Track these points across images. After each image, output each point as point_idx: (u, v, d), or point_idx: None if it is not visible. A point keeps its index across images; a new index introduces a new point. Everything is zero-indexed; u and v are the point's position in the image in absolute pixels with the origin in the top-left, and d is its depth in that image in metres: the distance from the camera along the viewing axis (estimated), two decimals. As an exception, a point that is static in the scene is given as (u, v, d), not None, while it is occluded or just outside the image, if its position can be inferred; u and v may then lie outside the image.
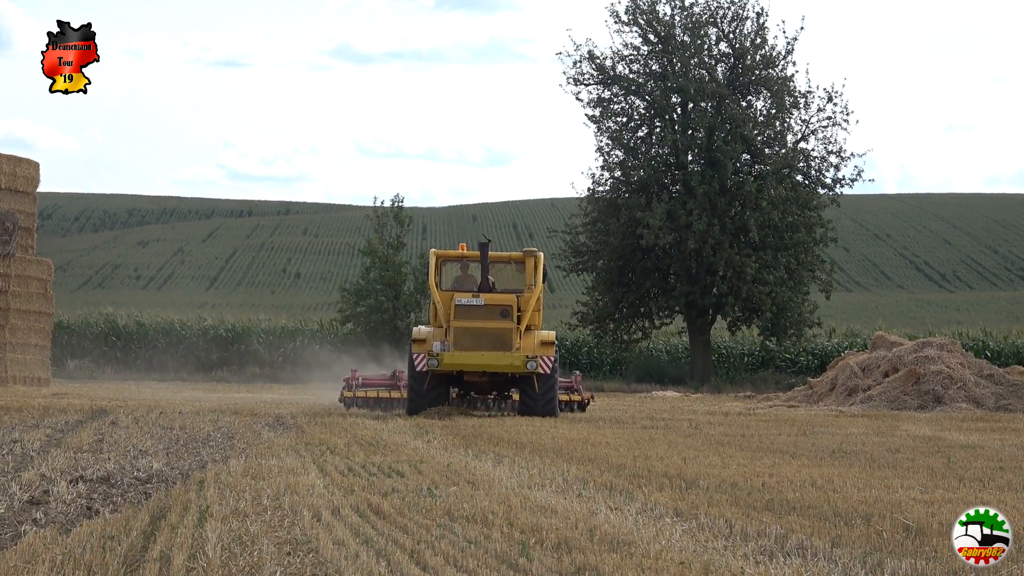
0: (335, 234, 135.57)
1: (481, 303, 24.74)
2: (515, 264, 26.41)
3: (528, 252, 25.76)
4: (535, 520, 9.94)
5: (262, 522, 9.77)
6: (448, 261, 26.59)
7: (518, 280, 26.15)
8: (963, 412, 29.19)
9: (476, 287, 25.50)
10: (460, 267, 26.64)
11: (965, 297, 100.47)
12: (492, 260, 26.06)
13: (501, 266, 26.65)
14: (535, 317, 25.58)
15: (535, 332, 25.39)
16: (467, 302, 24.70)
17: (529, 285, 25.53)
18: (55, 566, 7.95)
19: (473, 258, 26.17)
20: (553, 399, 25.03)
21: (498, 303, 24.82)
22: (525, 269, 25.80)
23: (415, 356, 24.87)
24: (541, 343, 24.96)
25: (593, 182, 48.91)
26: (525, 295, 25.32)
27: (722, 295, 46.78)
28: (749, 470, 14.08)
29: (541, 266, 25.46)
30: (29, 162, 38.87)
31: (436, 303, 25.48)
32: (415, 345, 25.14)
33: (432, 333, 25.23)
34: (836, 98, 48.07)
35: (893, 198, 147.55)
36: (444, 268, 26.33)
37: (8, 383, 36.84)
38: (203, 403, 28.55)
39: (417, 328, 26.22)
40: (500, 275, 26.46)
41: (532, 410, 24.82)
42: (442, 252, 26.40)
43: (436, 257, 25.96)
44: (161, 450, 16.10)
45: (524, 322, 25.09)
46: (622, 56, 48.58)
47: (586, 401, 28.55)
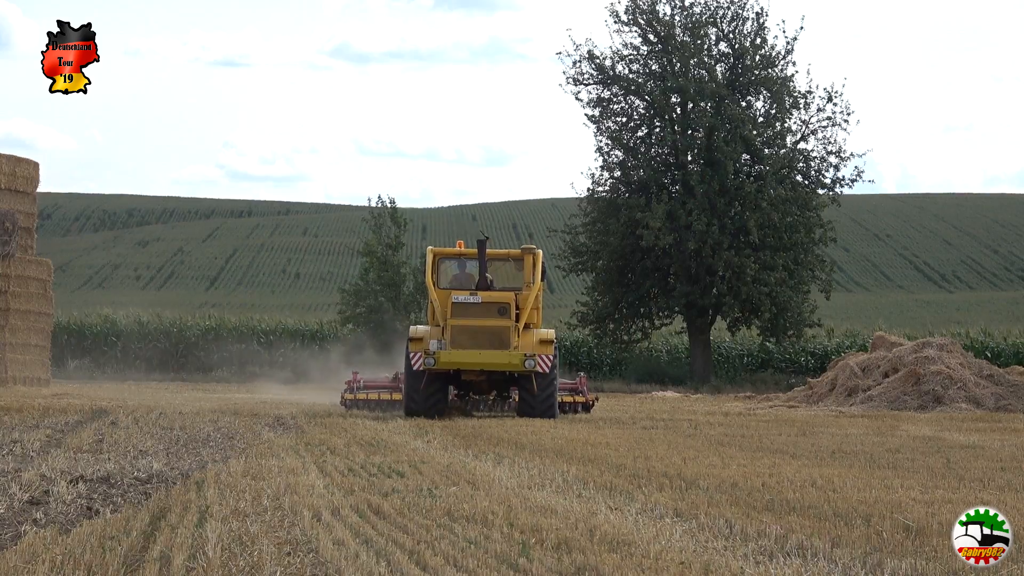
0: (335, 234, 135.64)
1: (478, 301, 24.36)
2: (513, 262, 26.13)
3: (526, 249, 25.40)
4: (535, 520, 9.93)
5: (262, 522, 9.77)
6: (446, 259, 26.21)
7: (516, 278, 25.82)
8: (963, 412, 29.18)
9: (474, 285, 25.10)
10: (457, 265, 26.26)
11: (965, 297, 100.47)
12: (490, 257, 25.67)
13: (499, 264, 26.31)
14: (534, 315, 25.16)
15: (534, 330, 24.99)
16: (464, 300, 24.32)
17: (528, 283, 25.18)
18: (55, 566, 7.95)
19: (471, 256, 25.75)
20: (553, 399, 24.64)
21: (495, 301, 24.42)
22: (524, 266, 25.47)
23: (412, 355, 24.50)
24: (540, 341, 24.58)
25: (593, 182, 48.96)
26: (523, 293, 24.96)
27: (722, 295, 46.80)
28: (749, 470, 14.08)
29: (540, 263, 25.06)
30: (29, 162, 38.88)
31: (433, 301, 25.08)
32: (412, 344, 24.74)
33: (429, 332, 24.82)
34: (836, 98, 48.13)
35: (893, 198, 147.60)
36: (442, 266, 25.97)
37: (8, 383, 36.84)
38: (203, 403, 28.56)
39: (414, 327, 25.79)
40: (498, 273, 26.10)
41: (531, 411, 24.45)
42: (439, 250, 26.07)
43: (433, 255, 25.64)
44: (161, 450, 16.10)
45: (522, 320, 24.66)
46: (622, 56, 48.61)
47: (591, 403, 27.97)
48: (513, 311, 24.41)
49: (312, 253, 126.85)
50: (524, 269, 25.38)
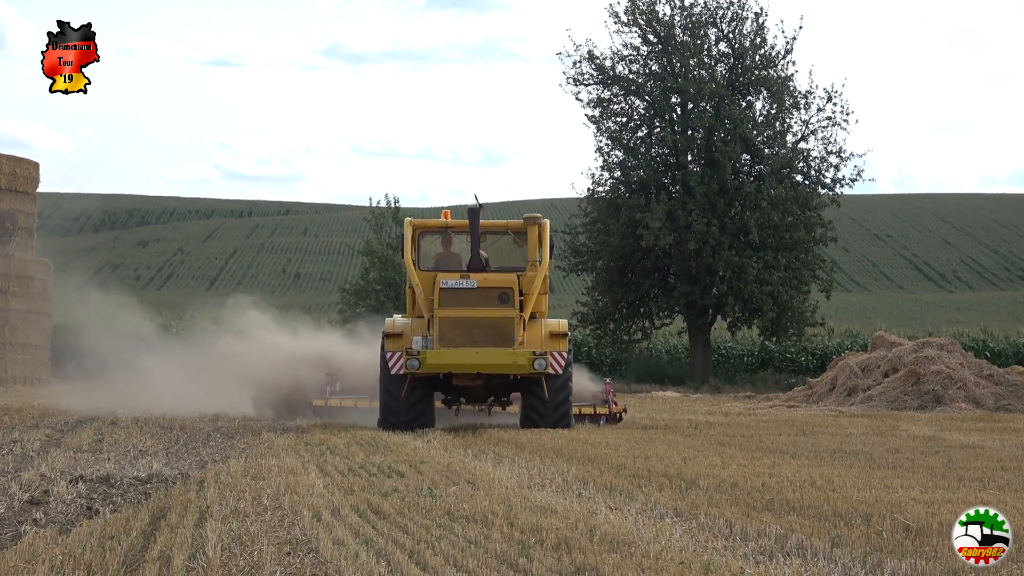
0: (335, 234, 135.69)
1: (473, 285, 19.88)
2: (514, 235, 21.46)
3: (530, 219, 20.84)
4: (535, 520, 9.93)
5: (262, 522, 9.77)
6: (428, 233, 21.45)
7: (517, 255, 21.33)
8: (963, 412, 29.17)
9: (464, 266, 20.63)
10: (442, 241, 21.57)
11: (965, 297, 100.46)
12: (485, 230, 20.94)
13: (495, 238, 21.63)
14: (541, 302, 20.55)
15: (541, 321, 20.55)
16: (455, 284, 19.87)
17: (533, 261, 20.59)
18: (55, 566, 7.95)
19: (459, 228, 21.12)
20: (567, 406, 20.42)
21: (495, 285, 19.98)
22: (527, 241, 20.85)
23: (389, 355, 19.94)
24: (550, 335, 20.23)
25: (593, 182, 48.90)
26: (528, 274, 20.37)
27: (723, 295, 46.79)
28: (749, 470, 14.07)
29: (548, 237, 20.67)
30: (29, 162, 38.91)
31: (415, 286, 20.46)
32: (389, 341, 20.15)
33: (410, 326, 20.32)
34: (836, 98, 48.09)
35: (893, 198, 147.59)
36: (424, 243, 21.38)
37: (8, 383, 36.84)
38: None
39: (391, 319, 20.93)
40: (494, 250, 21.58)
41: (540, 420, 20.15)
42: (421, 222, 21.44)
43: (413, 228, 21.02)
44: (161, 450, 16.11)
45: (527, 309, 20.16)
46: (622, 56, 48.58)
47: (619, 414, 23.15)
48: (517, 298, 20.05)
49: (312, 253, 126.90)
50: (528, 244, 20.85)
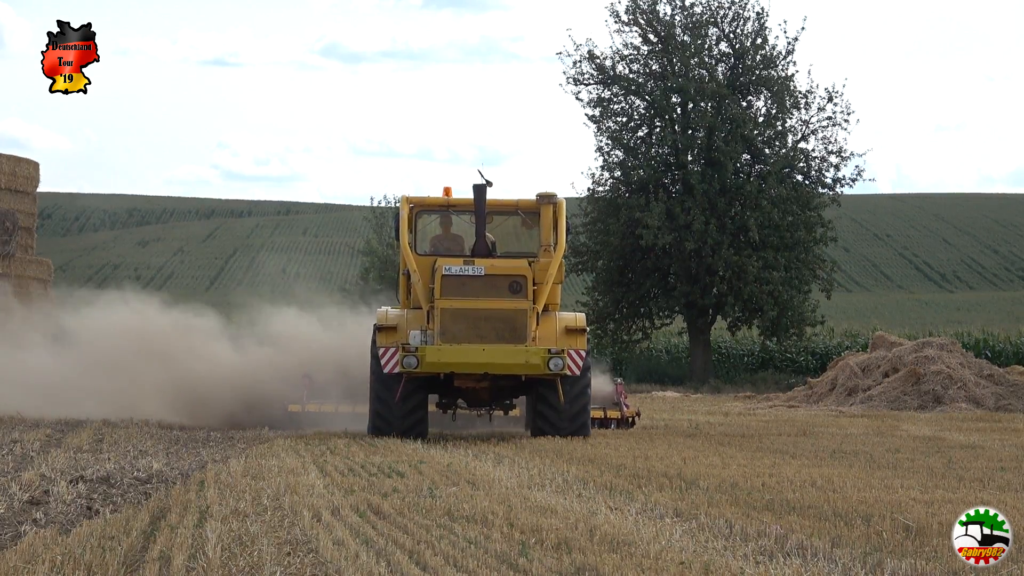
0: (335, 234, 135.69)
1: (480, 272, 17.71)
2: (524, 216, 19.14)
3: (544, 197, 18.60)
4: (535, 520, 9.93)
5: (262, 522, 9.76)
6: (427, 211, 19.11)
7: (528, 239, 19.13)
8: (963, 412, 29.16)
9: (468, 250, 18.49)
10: (441, 222, 19.20)
11: (965, 297, 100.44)
12: (492, 210, 18.75)
13: (503, 219, 19.40)
14: (555, 293, 18.44)
15: (555, 315, 18.41)
16: (459, 271, 17.69)
17: (547, 246, 18.42)
18: (55, 566, 7.95)
19: (464, 207, 18.82)
20: (586, 412, 18.31)
21: (505, 272, 17.79)
22: (541, 223, 18.63)
23: (381, 352, 17.83)
24: (566, 331, 18.13)
25: (593, 182, 48.89)
26: (542, 260, 18.20)
27: (723, 295, 46.80)
28: (749, 470, 14.07)
29: (563, 218, 18.54)
30: (29, 162, 38.90)
31: (412, 272, 18.17)
32: (381, 336, 18.01)
33: (406, 318, 18.15)
34: (836, 98, 48.10)
35: (892, 198, 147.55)
36: (421, 222, 19.16)
37: (8, 383, 36.84)
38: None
39: (383, 310, 18.65)
40: (502, 233, 19.36)
41: (555, 427, 18.05)
42: (419, 199, 18.95)
43: (410, 206, 18.74)
44: (161, 450, 16.11)
45: (540, 301, 17.93)
46: (622, 56, 48.58)
47: (631, 419, 21.39)
48: (530, 288, 17.86)
49: (312, 253, 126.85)
50: (542, 226, 18.64)
